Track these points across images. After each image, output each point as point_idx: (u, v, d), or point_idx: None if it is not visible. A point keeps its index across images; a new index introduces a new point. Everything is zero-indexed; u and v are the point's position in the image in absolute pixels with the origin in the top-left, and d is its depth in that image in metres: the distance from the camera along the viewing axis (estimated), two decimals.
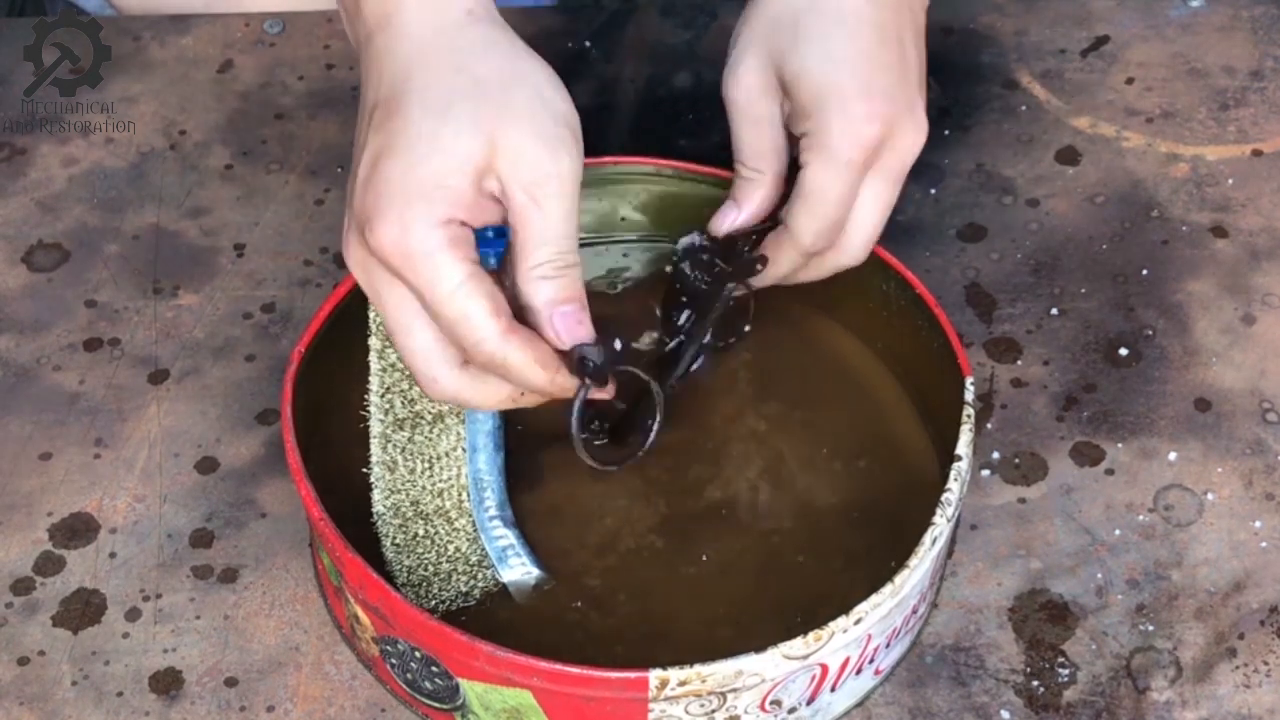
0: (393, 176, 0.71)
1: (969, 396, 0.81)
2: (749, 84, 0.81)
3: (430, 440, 0.84)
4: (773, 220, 0.83)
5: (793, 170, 0.82)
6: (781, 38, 0.80)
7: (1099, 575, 0.85)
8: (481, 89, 0.71)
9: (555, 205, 0.72)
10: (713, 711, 0.75)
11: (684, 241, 0.85)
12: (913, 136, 0.80)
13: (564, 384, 0.74)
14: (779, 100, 0.81)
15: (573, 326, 0.73)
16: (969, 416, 0.81)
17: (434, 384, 0.74)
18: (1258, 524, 0.87)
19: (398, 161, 0.71)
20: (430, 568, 0.81)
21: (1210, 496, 0.88)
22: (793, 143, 0.82)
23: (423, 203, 0.70)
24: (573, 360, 0.74)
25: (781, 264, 0.82)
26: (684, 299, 0.86)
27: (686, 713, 0.75)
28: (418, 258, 0.70)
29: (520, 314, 0.73)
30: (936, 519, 0.77)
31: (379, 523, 0.81)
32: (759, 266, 0.82)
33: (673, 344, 0.86)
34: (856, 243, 0.82)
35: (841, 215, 0.80)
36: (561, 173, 0.72)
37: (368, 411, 0.84)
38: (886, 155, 0.80)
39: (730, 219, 0.83)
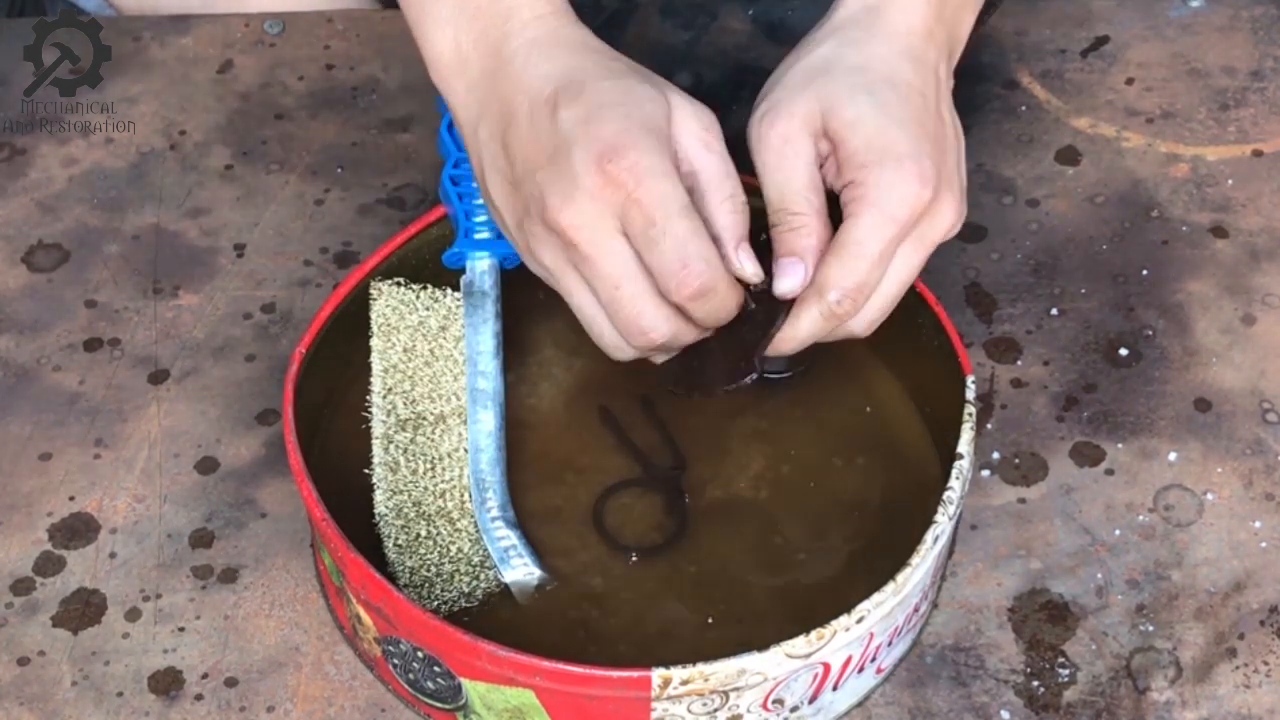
0: (614, 122, 0.76)
1: (970, 395, 0.81)
2: (788, 124, 0.80)
3: (432, 441, 0.84)
4: None
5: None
6: (833, 86, 0.80)
7: (1099, 575, 0.85)
8: (634, 68, 0.80)
9: (723, 149, 0.79)
10: (715, 710, 0.75)
11: None
12: (955, 213, 0.80)
13: (733, 308, 0.79)
14: (817, 142, 0.80)
15: (752, 261, 0.79)
16: (970, 415, 0.81)
17: (648, 333, 0.78)
18: (1258, 524, 0.87)
19: (614, 113, 0.76)
20: (433, 568, 0.81)
21: (1210, 496, 0.88)
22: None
23: (652, 135, 0.76)
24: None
25: (801, 324, 0.80)
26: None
27: (689, 712, 0.75)
28: (655, 177, 0.75)
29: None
30: (938, 517, 0.77)
31: (381, 523, 0.81)
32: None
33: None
34: (873, 309, 0.80)
35: (875, 276, 0.79)
36: (715, 124, 0.80)
37: (369, 412, 0.84)
38: (925, 224, 0.79)
39: (800, 275, 0.79)
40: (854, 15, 0.82)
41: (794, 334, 0.80)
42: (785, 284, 0.80)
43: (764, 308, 0.81)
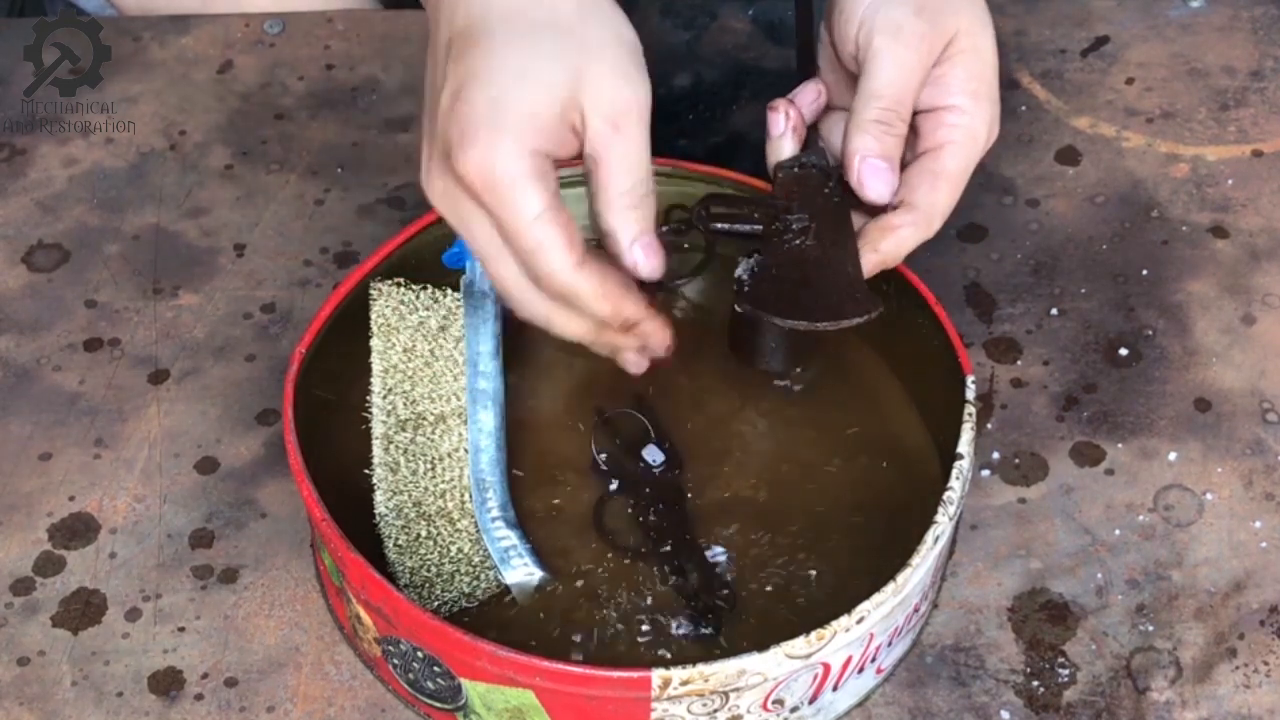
0: (479, 105, 0.71)
1: (970, 395, 0.81)
2: (936, 33, 0.78)
3: (432, 441, 0.84)
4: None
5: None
6: (970, 8, 0.80)
7: (1099, 575, 0.85)
8: (562, 23, 0.73)
9: (637, 133, 0.73)
10: (715, 711, 0.75)
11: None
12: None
13: (630, 314, 0.76)
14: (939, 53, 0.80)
15: (651, 257, 0.75)
16: (970, 415, 0.81)
17: (527, 305, 0.76)
18: (1258, 524, 0.87)
19: (484, 91, 0.71)
20: (433, 569, 0.81)
21: (1210, 496, 0.88)
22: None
23: (511, 131, 0.71)
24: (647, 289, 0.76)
25: (907, 244, 0.79)
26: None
27: (689, 712, 0.75)
28: (502, 185, 0.71)
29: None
30: (938, 517, 0.77)
31: (381, 524, 0.81)
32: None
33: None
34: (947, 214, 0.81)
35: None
36: (641, 102, 0.74)
37: (369, 413, 0.84)
38: None
39: (891, 180, 0.78)
40: None
41: (895, 255, 0.80)
42: (879, 190, 0.79)
43: (824, 227, 0.79)
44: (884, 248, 0.79)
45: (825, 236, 0.80)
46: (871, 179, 0.79)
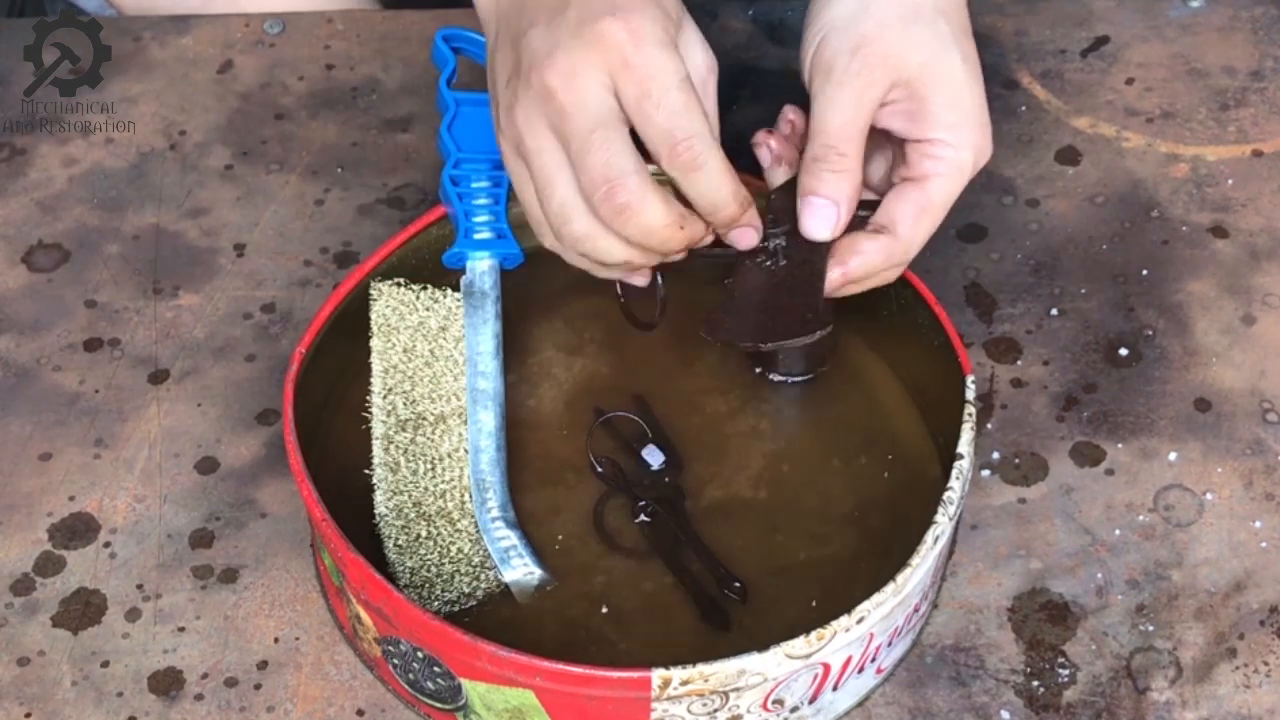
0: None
1: (970, 395, 0.81)
2: (877, 66, 0.78)
3: (432, 441, 0.84)
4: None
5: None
6: (926, 36, 0.79)
7: (1099, 575, 0.85)
8: None
9: (713, 93, 0.79)
10: (715, 711, 0.75)
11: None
12: (991, 151, 0.81)
13: (741, 194, 0.78)
14: (892, 88, 0.79)
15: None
16: (970, 415, 0.81)
17: (568, 224, 0.76)
18: (1258, 524, 0.87)
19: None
20: (433, 569, 0.81)
21: (1210, 496, 0.88)
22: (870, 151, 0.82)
23: (660, 11, 0.75)
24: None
25: (877, 267, 0.80)
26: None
27: (689, 712, 0.75)
28: (655, 45, 0.74)
29: None
30: (938, 517, 0.77)
31: (381, 524, 0.81)
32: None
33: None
34: (924, 241, 0.82)
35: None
36: (715, 69, 0.80)
37: (369, 412, 0.84)
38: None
39: (832, 219, 0.79)
40: None
41: (862, 275, 0.80)
42: (815, 228, 0.80)
43: (795, 248, 0.80)
44: (852, 265, 0.80)
45: (795, 256, 0.81)
46: (808, 217, 0.80)
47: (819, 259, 0.80)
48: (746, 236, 0.80)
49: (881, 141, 0.82)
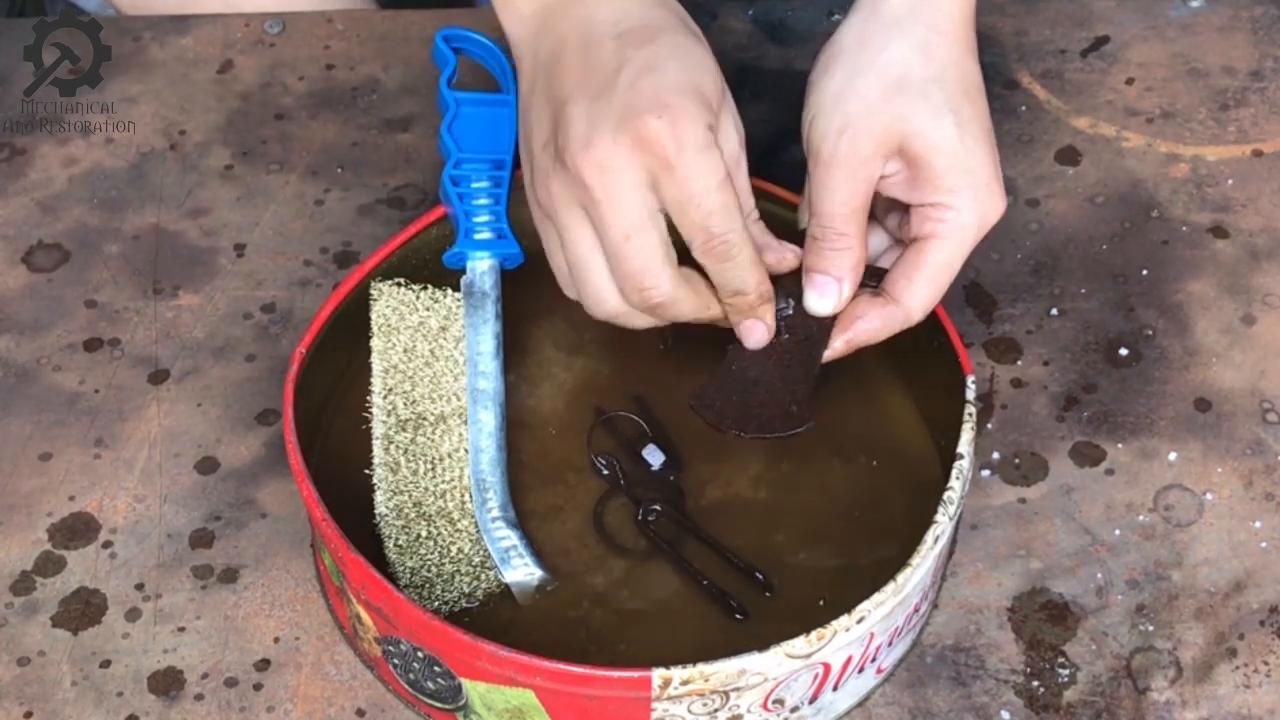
0: (674, 78, 0.76)
1: (970, 395, 0.81)
2: (868, 144, 0.78)
3: (433, 441, 0.84)
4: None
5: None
6: (915, 106, 0.78)
7: (1099, 575, 0.85)
8: (704, 42, 0.80)
9: (745, 165, 0.80)
10: (715, 710, 0.75)
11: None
12: (1003, 209, 0.81)
13: (764, 286, 0.80)
14: (888, 162, 0.79)
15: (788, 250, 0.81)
16: (970, 415, 0.81)
17: (601, 306, 0.78)
18: (1258, 524, 0.87)
19: (677, 69, 0.76)
20: (433, 569, 0.81)
21: (1210, 496, 0.88)
22: (887, 208, 0.82)
23: (705, 107, 0.76)
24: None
25: (880, 333, 0.81)
26: None
27: (689, 712, 0.75)
28: (698, 150, 0.75)
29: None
30: (939, 517, 0.77)
31: (382, 524, 0.81)
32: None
33: None
34: (930, 306, 0.82)
35: (947, 287, 0.81)
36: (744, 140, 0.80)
37: (369, 412, 0.84)
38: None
39: (836, 297, 0.80)
40: (909, 5, 0.80)
41: (867, 342, 0.81)
42: (820, 304, 0.80)
43: (799, 321, 0.80)
44: (854, 331, 0.81)
45: (798, 331, 0.81)
46: (811, 293, 0.80)
47: (822, 335, 0.81)
48: (756, 332, 0.81)
49: (891, 202, 0.82)
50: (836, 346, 0.81)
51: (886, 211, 0.83)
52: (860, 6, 0.82)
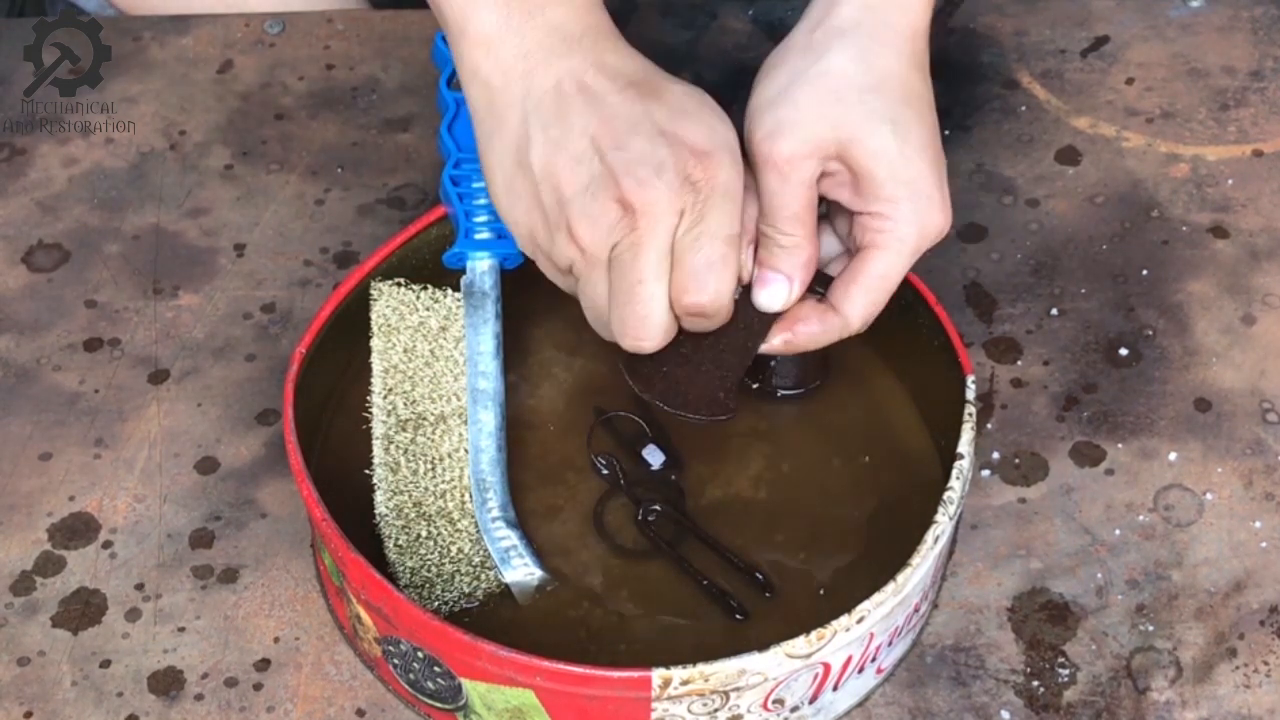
0: (703, 130, 0.77)
1: (970, 395, 0.81)
2: (798, 147, 0.78)
3: (433, 442, 0.84)
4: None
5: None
6: (851, 114, 0.78)
7: (1099, 575, 0.85)
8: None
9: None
10: (715, 710, 0.75)
11: None
12: (947, 223, 0.81)
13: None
14: (825, 163, 0.79)
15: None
16: (970, 415, 0.81)
17: (642, 337, 0.78)
18: (1258, 524, 0.87)
19: (701, 122, 0.77)
20: (433, 569, 0.81)
21: (1210, 496, 0.88)
22: (837, 213, 0.82)
23: (733, 156, 0.77)
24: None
25: (818, 339, 0.81)
26: None
27: (689, 712, 0.75)
28: (729, 197, 0.77)
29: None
30: (939, 517, 0.77)
31: (382, 524, 0.81)
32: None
33: None
34: (869, 317, 0.82)
35: (888, 298, 0.80)
36: None
37: (369, 412, 0.84)
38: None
39: (784, 294, 0.80)
40: (855, 17, 0.80)
41: (806, 345, 0.81)
42: (769, 299, 0.80)
43: (739, 315, 0.80)
44: (796, 332, 0.81)
45: (740, 317, 0.81)
46: (760, 290, 0.80)
47: (761, 328, 0.81)
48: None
49: (841, 208, 0.82)
50: (775, 344, 0.81)
51: (836, 216, 0.83)
52: (810, 14, 0.82)
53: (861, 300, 0.80)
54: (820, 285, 0.81)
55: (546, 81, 0.77)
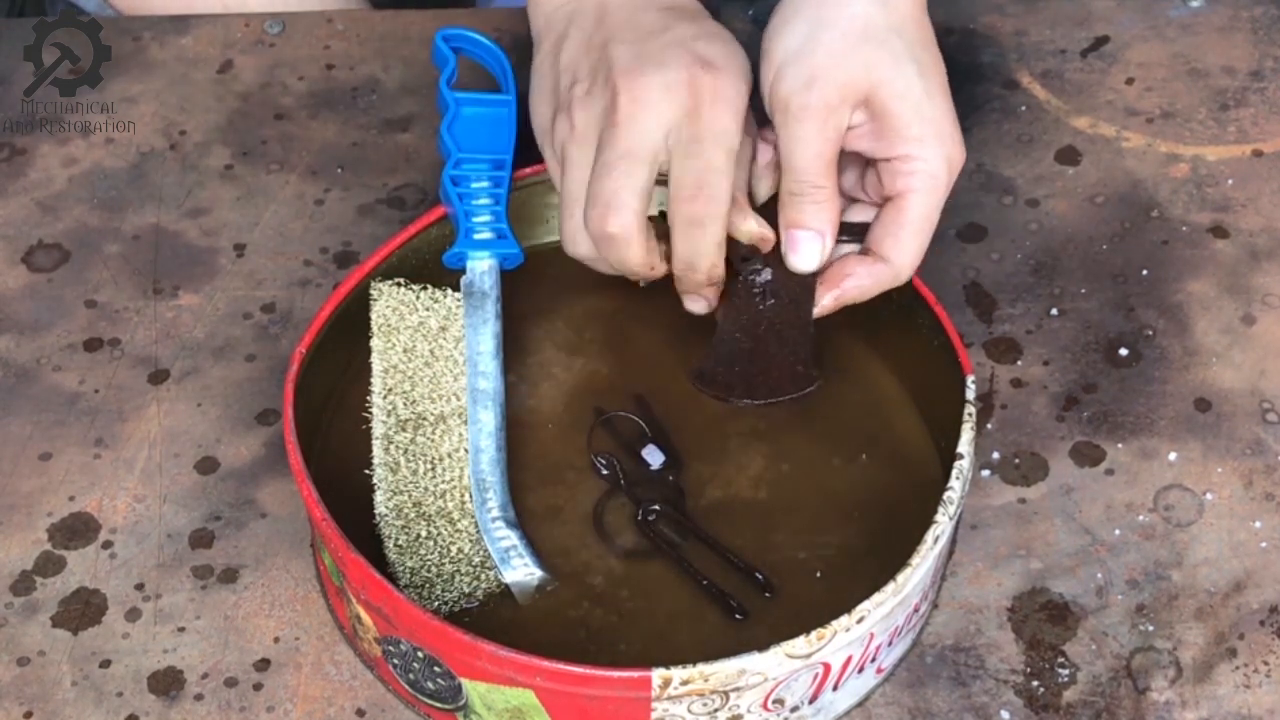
0: (721, 48, 0.81)
1: (970, 395, 0.81)
2: (835, 93, 0.79)
3: (433, 442, 0.84)
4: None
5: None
6: (879, 55, 0.79)
7: (1099, 575, 0.85)
8: None
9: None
10: (715, 710, 0.75)
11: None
12: (964, 157, 0.82)
13: (716, 277, 0.82)
14: (854, 113, 0.80)
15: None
16: (970, 415, 0.81)
17: (612, 211, 0.79)
18: (1258, 524, 0.87)
19: (723, 42, 0.82)
20: (433, 569, 0.81)
21: (1210, 496, 0.88)
22: (842, 166, 0.82)
23: (744, 81, 0.81)
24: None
25: (868, 291, 0.81)
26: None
27: (689, 712, 0.75)
28: (731, 109, 0.79)
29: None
30: (939, 517, 0.77)
31: (382, 524, 0.81)
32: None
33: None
34: (918, 261, 0.83)
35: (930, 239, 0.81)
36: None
37: (369, 412, 0.84)
38: None
39: (818, 250, 0.80)
40: None
41: (856, 298, 0.82)
42: (804, 260, 0.81)
43: (781, 284, 0.81)
44: (845, 288, 0.82)
45: (783, 294, 0.81)
46: (793, 250, 0.81)
47: (805, 295, 0.81)
48: (696, 305, 0.83)
49: (851, 156, 0.83)
50: (825, 303, 0.82)
51: (842, 169, 0.83)
52: None
53: (911, 245, 0.81)
54: (848, 235, 0.81)
55: (590, 3, 0.82)
